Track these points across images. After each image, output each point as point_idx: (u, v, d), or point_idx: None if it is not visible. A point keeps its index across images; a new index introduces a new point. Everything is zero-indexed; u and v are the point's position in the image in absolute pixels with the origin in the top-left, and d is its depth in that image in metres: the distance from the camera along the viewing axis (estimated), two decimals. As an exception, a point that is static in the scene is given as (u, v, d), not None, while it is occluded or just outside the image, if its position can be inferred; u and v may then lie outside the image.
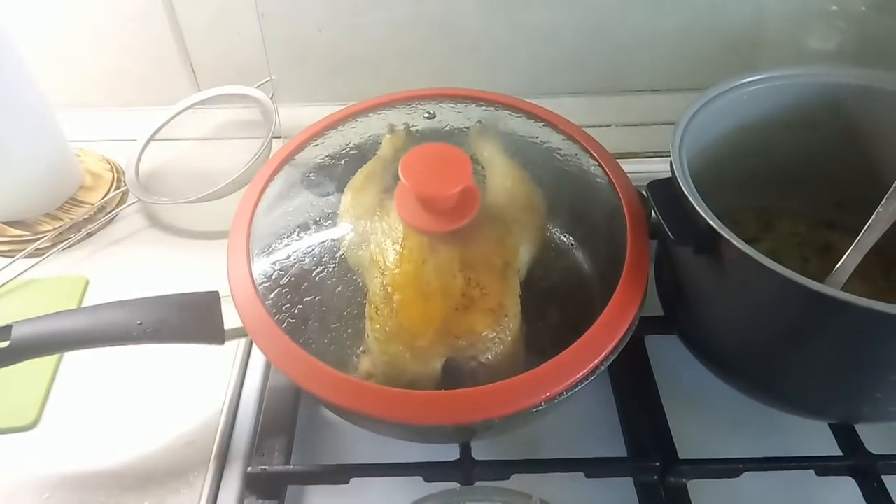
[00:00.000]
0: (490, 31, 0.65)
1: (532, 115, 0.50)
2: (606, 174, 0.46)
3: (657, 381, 0.47)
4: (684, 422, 0.45)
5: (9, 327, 0.39)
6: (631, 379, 0.47)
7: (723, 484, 0.42)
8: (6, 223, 0.60)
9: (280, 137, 0.61)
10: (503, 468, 0.42)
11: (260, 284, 0.41)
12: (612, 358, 0.38)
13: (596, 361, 0.37)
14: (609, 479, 0.43)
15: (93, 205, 0.61)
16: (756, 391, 0.43)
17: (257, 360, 0.50)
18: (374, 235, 0.41)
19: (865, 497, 0.41)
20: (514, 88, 0.52)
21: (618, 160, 0.47)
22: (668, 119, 0.43)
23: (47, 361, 0.50)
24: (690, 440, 0.43)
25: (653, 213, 0.40)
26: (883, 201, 0.42)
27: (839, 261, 0.41)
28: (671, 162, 0.40)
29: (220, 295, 0.42)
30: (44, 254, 0.58)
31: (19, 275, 0.56)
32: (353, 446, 0.46)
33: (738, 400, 0.43)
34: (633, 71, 0.68)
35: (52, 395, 0.49)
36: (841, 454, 0.42)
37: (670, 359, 0.47)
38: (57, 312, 0.41)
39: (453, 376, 0.39)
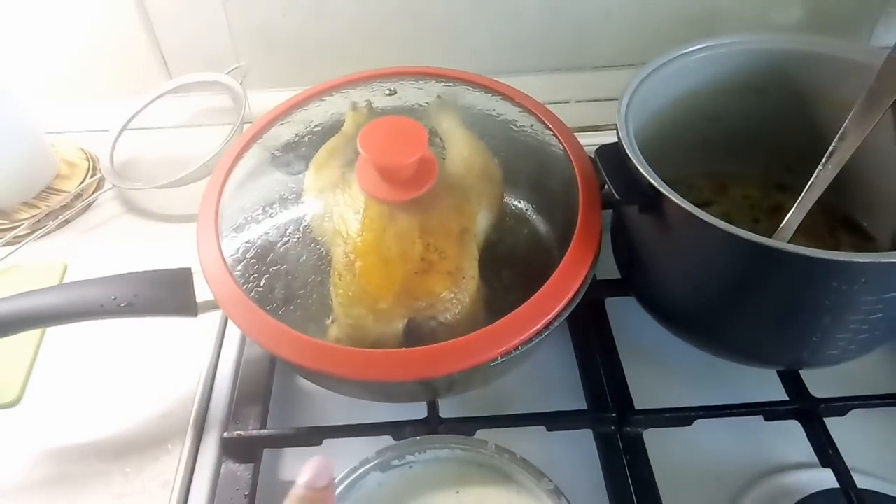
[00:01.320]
0: (453, 11, 0.66)
1: (490, 89, 0.51)
2: (561, 143, 0.47)
3: (616, 341, 0.49)
4: (642, 377, 0.47)
5: (-14, 305, 0.41)
6: (592, 339, 0.49)
7: (677, 432, 0.44)
8: (-17, 213, 0.61)
9: (251, 123, 0.62)
10: (468, 424, 0.43)
11: (229, 257, 0.43)
12: (566, 314, 0.39)
13: (549, 317, 0.39)
14: (570, 432, 0.44)
15: (69, 192, 0.63)
16: (707, 344, 0.45)
17: (233, 333, 0.51)
18: (337, 207, 0.43)
19: (809, 438, 0.43)
20: (477, 67, 0.53)
21: (577, 134, 0.48)
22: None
23: (29, 340, 0.51)
24: (647, 394, 0.45)
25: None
26: (823, 160, 0.44)
27: (787, 220, 0.43)
28: (617, 127, 0.42)
29: (193, 272, 0.44)
30: (22, 241, 0.59)
31: (-1, 262, 0.57)
32: (326, 412, 0.48)
33: (693, 354, 0.45)
34: (594, 48, 0.69)
35: (35, 373, 0.50)
36: (787, 399, 0.45)
37: (628, 319, 0.49)
38: (33, 290, 0.42)
39: (416, 337, 0.40)
